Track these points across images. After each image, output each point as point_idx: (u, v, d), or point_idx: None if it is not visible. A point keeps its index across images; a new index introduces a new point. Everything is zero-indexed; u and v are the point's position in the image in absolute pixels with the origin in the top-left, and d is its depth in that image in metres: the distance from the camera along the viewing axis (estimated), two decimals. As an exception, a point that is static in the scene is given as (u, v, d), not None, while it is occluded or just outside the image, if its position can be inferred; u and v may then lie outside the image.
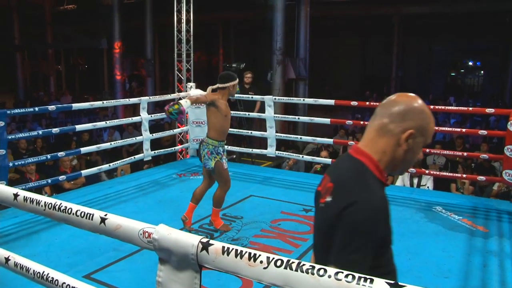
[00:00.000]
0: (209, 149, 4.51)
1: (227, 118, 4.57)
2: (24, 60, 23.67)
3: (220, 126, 4.53)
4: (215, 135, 4.53)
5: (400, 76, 21.43)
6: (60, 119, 15.54)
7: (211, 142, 4.51)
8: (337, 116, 7.40)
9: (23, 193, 2.05)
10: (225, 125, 4.58)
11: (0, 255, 2.19)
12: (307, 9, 13.89)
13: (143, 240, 1.64)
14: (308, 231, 4.59)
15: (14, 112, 5.74)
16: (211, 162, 4.52)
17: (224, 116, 4.52)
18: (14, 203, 2.07)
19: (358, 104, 6.77)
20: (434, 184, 7.03)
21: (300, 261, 1.32)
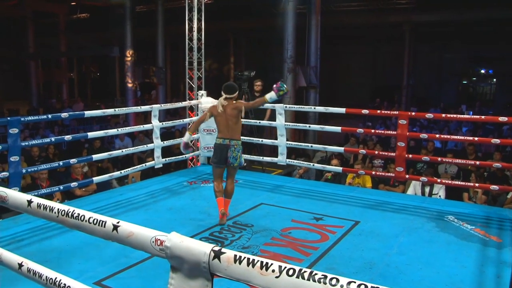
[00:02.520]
0: (241, 150, 5.05)
1: None
2: (38, 68, 23.95)
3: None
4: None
5: (411, 85, 21.34)
6: (72, 126, 15.67)
7: (240, 143, 5.02)
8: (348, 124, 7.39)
9: (36, 199, 2.07)
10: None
11: (13, 261, 2.21)
12: (318, 17, 13.91)
13: (155, 247, 1.64)
14: (319, 240, 4.57)
15: (28, 119, 5.80)
16: (243, 159, 5.12)
17: None
18: (28, 210, 2.09)
19: (369, 112, 6.75)
20: (446, 193, 6.97)
21: (312, 271, 1.31)
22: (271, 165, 8.33)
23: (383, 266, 3.99)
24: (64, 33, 23.70)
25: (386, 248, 4.37)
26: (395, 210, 5.52)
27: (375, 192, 6.72)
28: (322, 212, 5.37)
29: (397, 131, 5.94)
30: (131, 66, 17.16)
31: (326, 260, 4.12)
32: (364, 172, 6.72)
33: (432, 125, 14.44)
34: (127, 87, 17.40)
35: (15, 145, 5.11)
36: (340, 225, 4.96)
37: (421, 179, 6.22)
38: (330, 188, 6.58)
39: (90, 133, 6.46)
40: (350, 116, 14.49)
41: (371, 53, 24.60)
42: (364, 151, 7.20)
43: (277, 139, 6.81)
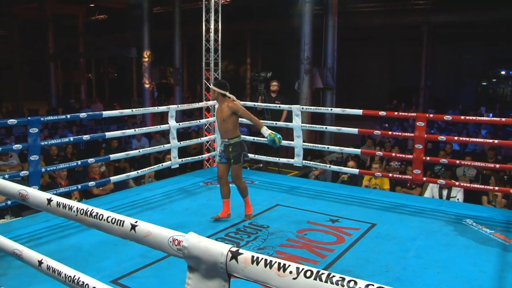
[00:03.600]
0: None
1: (216, 120, 5.23)
2: (57, 69, 24.28)
3: None
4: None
5: (429, 86, 21.11)
6: (90, 126, 15.84)
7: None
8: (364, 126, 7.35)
9: (56, 198, 2.10)
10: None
11: (33, 258, 2.24)
12: (335, 18, 13.84)
13: (173, 247, 1.65)
14: (335, 242, 4.55)
15: (47, 119, 5.88)
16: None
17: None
18: (48, 208, 2.11)
19: (387, 114, 6.71)
20: (464, 196, 6.88)
21: (330, 273, 1.30)
22: (287, 166, 8.32)
23: (399, 270, 3.95)
24: (82, 34, 23.98)
25: (402, 251, 4.33)
26: (412, 213, 5.47)
27: (391, 194, 6.67)
28: (338, 214, 5.34)
29: (414, 133, 5.89)
30: (148, 67, 17.29)
31: (342, 263, 4.10)
32: (381, 174, 6.67)
33: (450, 127, 14.27)
34: (144, 87, 17.53)
35: (35, 145, 5.19)
36: (356, 227, 4.93)
37: (439, 181, 6.15)
38: (347, 190, 6.54)
39: (108, 133, 6.52)
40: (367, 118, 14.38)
41: (388, 54, 24.41)
42: (381, 153, 7.14)
43: (293, 140, 6.79)
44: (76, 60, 25.75)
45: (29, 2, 21.00)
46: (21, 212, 6.33)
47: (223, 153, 5.14)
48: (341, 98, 15.45)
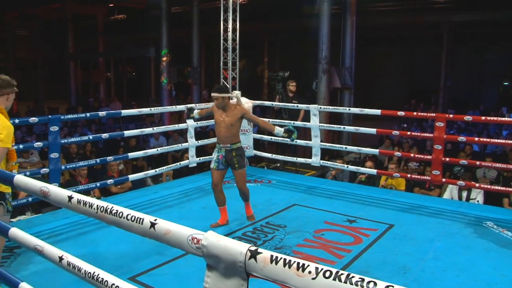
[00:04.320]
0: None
1: (219, 126, 4.94)
2: (77, 68, 24.59)
3: None
4: None
5: (449, 86, 20.83)
6: (109, 124, 16.00)
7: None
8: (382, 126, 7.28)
9: (76, 195, 2.13)
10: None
11: (54, 254, 2.27)
12: (353, 18, 13.76)
13: (192, 246, 1.65)
14: (352, 242, 4.53)
15: (67, 117, 5.97)
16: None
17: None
18: (68, 205, 2.14)
19: (405, 114, 6.64)
20: (485, 198, 6.77)
21: (349, 273, 1.30)
22: (305, 166, 8.30)
23: (418, 271, 3.91)
24: (102, 34, 24.24)
25: (421, 252, 4.29)
26: (430, 214, 5.41)
27: (410, 195, 6.61)
28: (356, 215, 5.32)
29: (434, 133, 5.82)
30: (166, 66, 17.40)
31: (359, 263, 4.08)
32: (399, 175, 6.61)
33: (470, 128, 14.07)
34: (162, 87, 17.65)
35: (55, 142, 5.26)
36: (374, 228, 4.90)
37: (458, 183, 6.07)
38: (364, 190, 6.50)
39: (126, 132, 6.58)
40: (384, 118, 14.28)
41: (407, 54, 24.13)
42: (399, 153, 7.08)
43: (311, 140, 6.77)
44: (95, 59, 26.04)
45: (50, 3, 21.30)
46: (41, 209, 6.43)
47: (223, 159, 4.93)
48: (359, 98, 15.35)
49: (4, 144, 3.20)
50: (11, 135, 3.26)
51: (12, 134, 3.28)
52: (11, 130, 3.28)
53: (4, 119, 3.30)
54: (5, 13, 22.45)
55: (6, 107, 3.39)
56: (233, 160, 4.88)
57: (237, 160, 4.88)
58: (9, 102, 3.43)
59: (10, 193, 3.38)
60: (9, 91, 3.38)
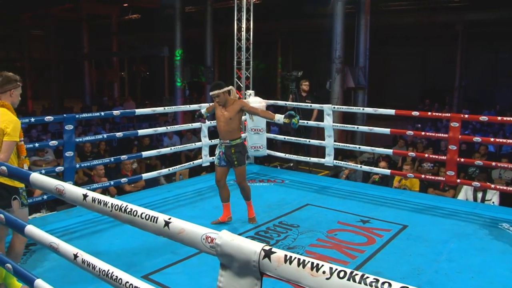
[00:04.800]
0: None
1: (219, 121, 4.93)
2: (91, 68, 24.80)
3: None
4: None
5: (464, 86, 20.61)
6: (123, 123, 16.11)
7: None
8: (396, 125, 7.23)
9: (91, 194, 2.14)
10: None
11: (69, 252, 2.30)
12: (367, 17, 13.69)
13: (206, 245, 1.66)
14: (365, 243, 4.50)
15: (82, 116, 6.02)
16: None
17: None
18: (83, 203, 2.16)
19: (420, 114, 6.59)
20: (500, 199, 6.70)
21: (364, 274, 1.29)
22: (318, 166, 8.28)
23: (431, 273, 3.88)
24: (116, 34, 24.41)
25: (435, 254, 4.25)
26: (445, 215, 5.36)
27: (424, 196, 6.55)
28: (369, 215, 5.28)
29: (448, 133, 5.76)
30: (180, 66, 17.47)
31: (373, 264, 4.05)
32: (413, 175, 6.56)
33: (486, 129, 13.92)
34: (175, 86, 17.72)
35: (70, 141, 5.31)
36: (387, 229, 4.86)
37: (473, 184, 6.01)
38: (378, 190, 6.46)
39: (140, 131, 6.61)
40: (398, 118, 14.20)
41: (421, 53, 23.94)
42: (413, 153, 7.03)
43: (324, 139, 6.75)
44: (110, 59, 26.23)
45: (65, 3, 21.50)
46: (56, 207, 6.51)
47: (223, 156, 4.92)
48: (372, 98, 15.26)
49: (11, 138, 3.26)
50: (17, 129, 3.32)
51: (18, 128, 3.34)
52: (18, 125, 3.34)
53: (10, 114, 3.36)
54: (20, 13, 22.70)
55: (12, 103, 3.44)
56: (232, 157, 4.87)
57: (236, 157, 4.86)
58: (15, 98, 3.47)
59: (24, 187, 3.43)
60: (11, 87, 3.43)
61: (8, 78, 3.43)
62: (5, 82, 3.41)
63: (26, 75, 25.08)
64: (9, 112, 3.36)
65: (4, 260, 2.96)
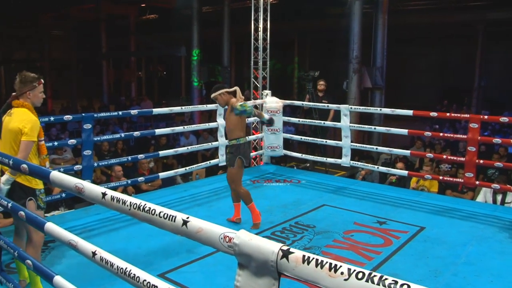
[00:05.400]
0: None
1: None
2: (109, 68, 25.06)
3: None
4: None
5: (483, 86, 20.32)
6: (140, 123, 16.23)
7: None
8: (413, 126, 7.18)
9: (110, 192, 2.16)
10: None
11: (87, 249, 2.32)
12: (385, 17, 13.59)
13: (224, 244, 1.66)
14: (382, 244, 4.47)
15: (100, 115, 6.08)
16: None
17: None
18: (102, 202, 2.18)
19: (438, 115, 6.52)
20: (521, 202, 6.59)
21: (382, 275, 1.28)
22: (334, 166, 8.24)
23: (449, 276, 3.83)
24: (133, 34, 24.62)
25: (453, 256, 4.20)
26: (463, 218, 5.30)
27: (442, 197, 6.48)
28: (386, 216, 5.25)
29: (467, 135, 5.69)
30: (197, 65, 17.55)
31: (389, 266, 4.02)
32: (431, 176, 6.49)
33: (506, 130, 13.71)
34: (192, 86, 17.81)
35: (88, 140, 5.37)
36: (404, 230, 4.82)
37: (493, 186, 5.92)
38: (395, 191, 6.41)
39: (158, 130, 6.65)
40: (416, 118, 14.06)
41: (440, 53, 23.65)
42: (431, 154, 6.95)
43: (341, 140, 6.72)
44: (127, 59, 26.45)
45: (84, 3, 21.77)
46: (74, 205, 6.58)
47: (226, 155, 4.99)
48: (390, 98, 15.14)
49: (29, 137, 3.26)
50: (35, 128, 3.31)
51: (37, 128, 3.33)
52: (36, 124, 3.33)
53: (29, 113, 3.37)
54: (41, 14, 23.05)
55: (32, 103, 3.43)
56: (226, 157, 4.93)
57: (229, 158, 4.87)
58: (34, 99, 3.44)
59: (42, 189, 3.43)
60: (27, 89, 3.40)
61: (25, 79, 3.40)
62: (22, 84, 3.40)
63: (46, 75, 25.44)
64: (28, 112, 3.37)
65: (24, 257, 3.00)
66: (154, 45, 25.92)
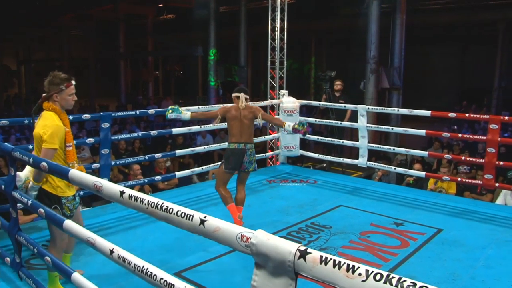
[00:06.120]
0: (254, 154, 4.88)
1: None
2: (127, 67, 25.30)
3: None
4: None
5: (503, 87, 20.00)
6: (157, 122, 16.34)
7: (253, 147, 4.88)
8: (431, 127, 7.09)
9: (128, 191, 2.18)
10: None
11: (105, 247, 2.34)
12: (403, 16, 13.47)
13: (241, 244, 1.66)
14: (399, 246, 4.43)
15: (118, 114, 6.12)
16: (256, 164, 4.92)
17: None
18: (120, 200, 2.20)
19: (457, 116, 6.44)
20: (542, 204, 6.47)
21: (401, 277, 1.27)
22: (351, 167, 8.19)
23: (467, 279, 3.78)
24: (151, 34, 24.82)
25: (471, 259, 4.14)
26: (482, 220, 5.22)
27: (460, 199, 6.39)
28: (403, 218, 5.20)
29: (487, 136, 5.61)
30: (213, 65, 17.61)
31: (406, 268, 3.98)
32: (449, 178, 6.41)
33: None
34: (209, 85, 17.88)
35: (106, 139, 5.41)
36: (421, 232, 4.77)
37: (513, 188, 5.83)
38: (412, 193, 6.35)
39: (174, 129, 6.67)
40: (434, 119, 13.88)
41: (459, 53, 23.33)
42: (449, 156, 6.87)
43: (357, 140, 6.68)
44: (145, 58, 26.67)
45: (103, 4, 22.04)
46: (92, 203, 6.65)
47: (248, 159, 4.93)
48: (407, 99, 15.00)
49: (49, 145, 3.07)
50: (56, 135, 3.10)
51: (57, 134, 3.12)
52: (57, 130, 3.12)
53: (53, 118, 3.17)
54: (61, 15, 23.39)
55: (61, 107, 3.25)
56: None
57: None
58: (62, 102, 3.23)
59: (70, 197, 3.28)
60: (53, 92, 3.20)
61: (53, 80, 3.20)
62: (50, 85, 3.21)
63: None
64: (53, 117, 3.17)
65: (44, 253, 3.05)
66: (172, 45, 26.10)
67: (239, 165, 4.79)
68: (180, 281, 1.97)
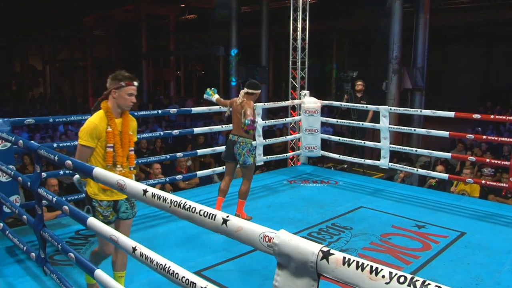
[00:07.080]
0: (248, 148, 4.96)
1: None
2: (149, 67, 25.53)
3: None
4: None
5: (529, 88, 19.59)
6: (178, 121, 16.46)
7: (248, 141, 4.97)
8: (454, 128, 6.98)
9: (151, 189, 2.20)
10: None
11: (128, 245, 2.37)
12: (426, 16, 13.30)
13: (263, 244, 1.66)
14: (421, 248, 4.38)
15: (140, 114, 6.18)
16: (250, 159, 4.98)
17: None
18: (143, 198, 2.22)
19: (481, 117, 6.33)
20: None
21: (425, 280, 1.25)
22: (372, 168, 8.13)
23: (492, 284, 3.71)
24: (173, 34, 25.01)
25: (496, 264, 4.06)
26: (507, 224, 5.12)
27: (484, 202, 6.28)
28: (425, 220, 5.13)
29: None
30: (235, 65, 17.65)
31: (428, 271, 3.93)
32: (472, 180, 6.30)
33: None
34: (230, 85, 17.93)
35: (129, 138, 5.46)
36: (444, 235, 4.71)
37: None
38: (434, 195, 6.27)
39: (196, 129, 6.71)
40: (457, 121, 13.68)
41: (483, 53, 22.93)
42: (473, 158, 6.76)
43: (379, 141, 6.63)
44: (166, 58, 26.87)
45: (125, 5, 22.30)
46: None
47: (237, 151, 5.12)
48: (430, 99, 14.82)
49: (81, 140, 3.02)
50: (89, 132, 3.01)
51: (92, 132, 3.01)
52: (90, 127, 3.02)
53: (97, 116, 3.09)
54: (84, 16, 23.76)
55: (118, 104, 3.12)
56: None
57: None
58: (119, 100, 3.10)
59: (103, 202, 3.11)
60: (113, 87, 3.11)
61: (116, 76, 3.12)
62: (111, 81, 3.13)
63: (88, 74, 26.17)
64: (98, 114, 3.09)
65: (67, 250, 3.10)
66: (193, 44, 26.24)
67: (230, 155, 5.03)
68: (202, 279, 1.98)
